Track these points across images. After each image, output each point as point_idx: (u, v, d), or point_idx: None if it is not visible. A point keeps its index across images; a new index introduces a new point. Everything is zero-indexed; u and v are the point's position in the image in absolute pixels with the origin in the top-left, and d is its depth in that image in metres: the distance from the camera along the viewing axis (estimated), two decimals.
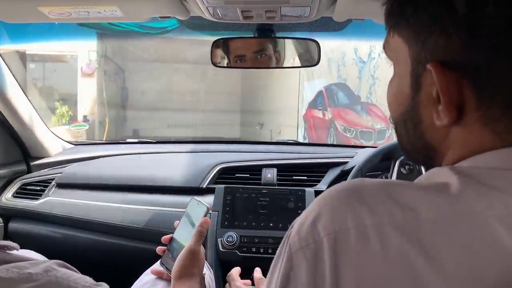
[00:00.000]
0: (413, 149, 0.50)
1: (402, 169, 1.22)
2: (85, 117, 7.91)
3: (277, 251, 0.45)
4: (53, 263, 0.54)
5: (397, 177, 1.23)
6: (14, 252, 0.59)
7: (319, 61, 1.21)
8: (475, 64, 0.40)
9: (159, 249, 0.95)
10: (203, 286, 0.88)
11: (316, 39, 1.19)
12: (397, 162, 1.23)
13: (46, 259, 0.65)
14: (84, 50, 8.05)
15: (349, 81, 6.61)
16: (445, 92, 0.41)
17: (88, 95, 8.12)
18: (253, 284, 0.99)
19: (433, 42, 0.42)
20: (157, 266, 0.98)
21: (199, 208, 0.91)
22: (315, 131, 7.13)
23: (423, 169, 1.21)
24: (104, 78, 8.52)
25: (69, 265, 0.60)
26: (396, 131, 0.51)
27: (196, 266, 0.84)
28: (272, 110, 8.85)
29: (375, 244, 0.37)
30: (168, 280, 0.91)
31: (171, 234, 0.94)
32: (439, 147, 0.46)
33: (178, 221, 0.95)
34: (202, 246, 0.88)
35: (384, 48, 0.51)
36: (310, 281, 0.38)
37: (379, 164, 1.30)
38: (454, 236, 0.36)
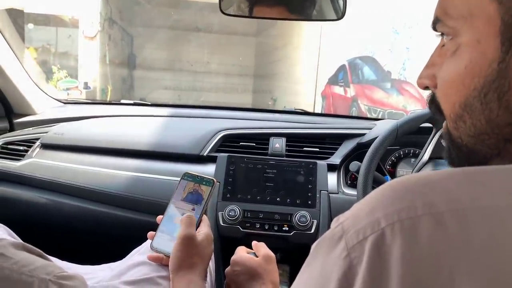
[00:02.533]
0: (490, 132, 0.41)
1: (442, 141, 1.07)
2: (86, 83, 7.72)
3: (309, 258, 0.39)
4: (7, 245, 0.39)
5: (435, 149, 1.08)
6: None
7: (344, 15, 1.05)
8: None
9: (150, 234, 0.84)
10: (206, 276, 0.77)
11: None
12: (439, 132, 1.08)
13: (7, 236, 0.49)
14: (86, 12, 7.78)
15: (377, 54, 5.97)
16: None
17: (90, 60, 7.90)
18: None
19: None
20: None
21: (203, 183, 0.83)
22: (334, 110, 6.61)
23: None
24: (108, 43, 8.29)
25: (30, 246, 0.45)
26: (460, 119, 0.43)
27: (196, 255, 0.74)
28: (287, 85, 8.59)
29: (453, 232, 0.31)
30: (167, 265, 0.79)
31: (161, 216, 0.84)
32: None
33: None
34: (208, 229, 0.79)
35: (439, 20, 0.44)
36: (374, 279, 0.33)
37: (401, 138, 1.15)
38: None
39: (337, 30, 6.35)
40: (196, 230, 0.78)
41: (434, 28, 0.45)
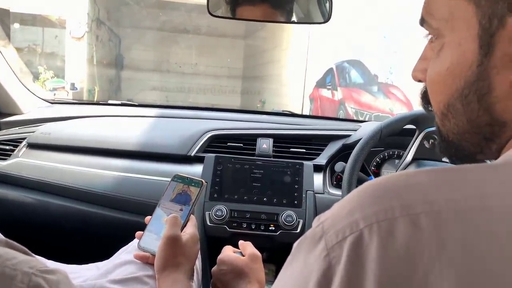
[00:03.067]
0: (471, 131, 0.43)
1: (425, 142, 1.10)
2: (72, 84, 7.63)
3: (291, 256, 0.40)
4: None
5: (418, 150, 1.10)
6: None
7: (329, 18, 1.08)
8: None
9: (138, 234, 0.85)
10: (192, 275, 0.77)
11: None
12: (422, 133, 1.10)
13: None
14: (74, 13, 7.69)
15: (365, 58, 6.04)
16: None
17: (77, 61, 7.82)
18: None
19: None
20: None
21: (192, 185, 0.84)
22: (321, 112, 6.62)
23: None
24: (95, 43, 8.21)
25: (14, 243, 0.45)
26: (445, 117, 0.45)
27: (180, 255, 0.74)
28: (275, 87, 8.60)
29: (428, 233, 0.32)
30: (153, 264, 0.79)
31: (150, 216, 0.85)
32: (510, 121, 0.40)
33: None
34: (194, 229, 0.79)
35: (424, 20, 0.45)
36: (351, 279, 0.33)
37: (385, 139, 1.17)
38: None
39: (325, 34, 6.40)
40: (183, 230, 0.79)
41: (422, 25, 0.46)
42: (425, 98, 0.48)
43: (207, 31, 9.24)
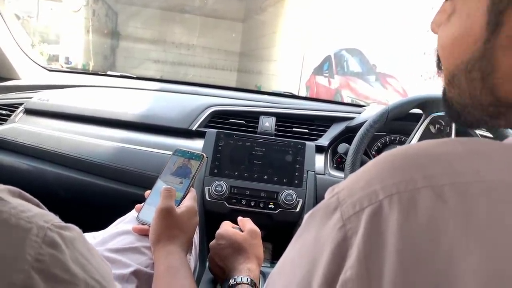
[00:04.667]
0: (473, 106, 0.41)
1: (431, 127, 1.09)
2: (67, 58, 7.50)
3: (301, 229, 0.38)
4: (4, 190, 0.37)
5: (423, 135, 1.09)
6: None
7: None
8: None
9: (137, 207, 0.84)
10: (189, 247, 0.76)
11: None
12: (428, 117, 1.09)
13: None
14: None
15: (363, 47, 5.95)
16: None
17: (72, 35, 7.68)
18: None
19: None
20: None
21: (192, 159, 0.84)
22: None
23: (453, 130, 1.08)
24: (91, 18, 8.07)
25: (27, 195, 0.43)
26: (451, 85, 0.42)
27: (175, 228, 0.73)
28: (272, 73, 8.53)
29: (454, 206, 0.30)
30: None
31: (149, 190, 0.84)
32: None
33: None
34: (192, 202, 0.78)
35: None
36: (369, 251, 0.31)
37: (389, 124, 1.16)
38: None
39: (324, 21, 6.35)
40: (181, 202, 0.78)
41: None
42: (437, 56, 0.46)
43: (205, 12, 9.12)
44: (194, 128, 1.30)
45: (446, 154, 0.33)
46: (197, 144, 1.26)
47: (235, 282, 0.75)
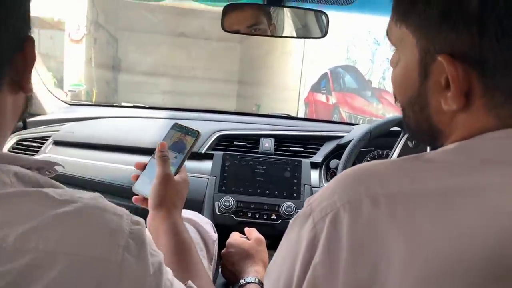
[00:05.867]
0: (418, 130, 0.53)
1: (409, 142, 1.25)
2: (71, 87, 7.70)
3: (288, 230, 0.51)
4: (98, 194, 0.50)
5: (402, 149, 1.25)
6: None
7: (326, 33, 1.23)
8: (483, 58, 0.43)
9: (133, 176, 0.88)
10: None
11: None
12: (405, 135, 1.25)
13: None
14: (73, 15, 7.77)
15: (359, 64, 6.23)
16: (455, 82, 0.44)
17: (75, 63, 7.89)
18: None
19: (443, 37, 0.44)
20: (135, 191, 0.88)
21: (188, 134, 0.86)
22: (316, 116, 6.75)
23: None
24: (93, 46, 8.30)
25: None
26: (404, 113, 0.54)
27: (176, 196, 0.78)
28: (271, 92, 8.65)
29: (384, 209, 0.42)
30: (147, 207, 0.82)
31: (144, 162, 0.88)
32: (444, 129, 0.49)
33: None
34: (185, 174, 0.83)
35: (387, 34, 0.53)
36: (330, 244, 0.43)
37: (375, 140, 1.32)
38: (456, 204, 0.40)
39: (321, 40, 6.50)
40: (175, 175, 0.81)
41: (387, 36, 0.54)
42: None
43: (203, 36, 9.33)
44: (203, 151, 1.46)
45: (380, 172, 0.46)
46: (206, 165, 1.41)
47: (244, 282, 0.89)
